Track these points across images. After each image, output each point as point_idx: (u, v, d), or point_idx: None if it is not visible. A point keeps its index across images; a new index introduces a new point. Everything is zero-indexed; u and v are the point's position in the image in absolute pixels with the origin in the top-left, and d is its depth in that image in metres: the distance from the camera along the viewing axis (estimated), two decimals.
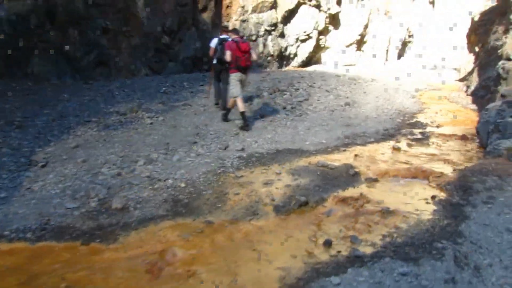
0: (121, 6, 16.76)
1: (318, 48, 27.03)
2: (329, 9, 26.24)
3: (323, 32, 26.92)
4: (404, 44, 32.70)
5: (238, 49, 8.81)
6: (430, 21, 34.41)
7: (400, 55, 32.53)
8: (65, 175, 6.53)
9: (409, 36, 33.33)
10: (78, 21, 14.98)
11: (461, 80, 22.58)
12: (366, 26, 28.97)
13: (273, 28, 23.97)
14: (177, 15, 19.92)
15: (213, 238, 4.76)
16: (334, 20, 27.31)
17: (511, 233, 4.55)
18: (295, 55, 25.82)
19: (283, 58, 25.07)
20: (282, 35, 24.74)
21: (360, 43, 29.09)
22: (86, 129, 9.00)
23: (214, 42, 10.47)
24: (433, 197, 5.96)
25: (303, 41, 25.81)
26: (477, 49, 22.21)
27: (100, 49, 15.71)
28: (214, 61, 10.60)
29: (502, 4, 17.00)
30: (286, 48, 25.05)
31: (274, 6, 24.04)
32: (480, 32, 22.28)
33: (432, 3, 34.12)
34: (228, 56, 8.89)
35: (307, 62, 26.51)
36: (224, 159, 7.38)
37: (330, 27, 27.39)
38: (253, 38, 23.12)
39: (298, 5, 25.09)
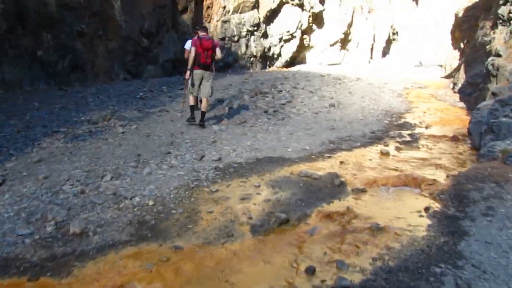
0: (97, 9, 16.14)
1: (302, 47, 26.59)
2: (312, 7, 25.79)
3: (307, 31, 26.49)
4: (389, 41, 32.39)
5: (200, 45, 8.88)
6: (414, 18, 34.20)
7: (385, 53, 32.22)
8: (23, 194, 5.87)
9: (394, 34, 33.05)
10: (51, 25, 14.30)
11: (447, 77, 22.27)
12: (350, 25, 28.59)
13: (255, 28, 23.44)
14: (155, 17, 19.35)
15: (181, 267, 4.16)
16: (317, 19, 26.87)
17: None
18: (279, 55, 25.33)
19: (266, 58, 24.55)
20: (265, 35, 24.23)
21: (344, 41, 28.70)
22: (53, 140, 8.33)
23: (188, 44, 10.01)
24: (426, 209, 5.43)
25: (286, 41, 25.34)
26: (462, 45, 21.92)
27: (75, 54, 15.04)
28: None
29: (485, 0, 16.67)
30: (269, 49, 24.54)
31: (256, 6, 23.50)
32: (465, 28, 22.00)
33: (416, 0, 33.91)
34: (192, 51, 9.01)
35: (291, 62, 26.04)
36: (199, 171, 6.77)
37: (314, 26, 26.98)
38: (235, 39, 22.58)
39: (281, 5, 24.61)
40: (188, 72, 9.26)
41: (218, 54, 9.14)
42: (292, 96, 12.97)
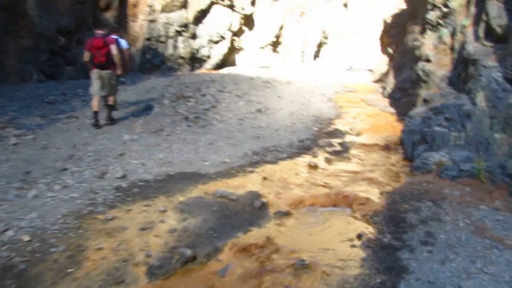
0: (7, 3, 14.50)
1: (232, 49, 25.77)
2: (243, 9, 25.06)
3: (237, 33, 25.72)
4: (320, 45, 32.29)
5: (92, 46, 8.69)
6: (344, 23, 34.43)
7: (315, 57, 32.10)
8: None
9: (325, 38, 33.01)
10: None
11: (377, 81, 22.27)
12: (281, 27, 28.13)
13: (184, 28, 22.38)
14: (74, 14, 17.84)
15: None
16: (248, 20, 26.17)
17: None
18: (208, 57, 24.37)
19: (195, 60, 23.51)
20: (193, 36, 23.22)
21: (275, 44, 28.19)
22: None
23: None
24: (359, 236, 4.70)
25: (216, 42, 24.44)
26: (390, 50, 21.96)
27: None
28: None
29: (412, 8, 16.60)
30: (198, 50, 23.52)
31: (184, 5, 22.46)
32: (393, 34, 22.05)
33: (346, 5, 34.13)
34: (85, 56, 8.79)
35: (221, 64, 25.15)
36: (97, 192, 5.69)
37: (245, 28, 26.25)
38: (162, 39, 21.44)
39: (211, 5, 23.69)
40: None
41: (113, 50, 8.84)
42: (217, 101, 12.04)
